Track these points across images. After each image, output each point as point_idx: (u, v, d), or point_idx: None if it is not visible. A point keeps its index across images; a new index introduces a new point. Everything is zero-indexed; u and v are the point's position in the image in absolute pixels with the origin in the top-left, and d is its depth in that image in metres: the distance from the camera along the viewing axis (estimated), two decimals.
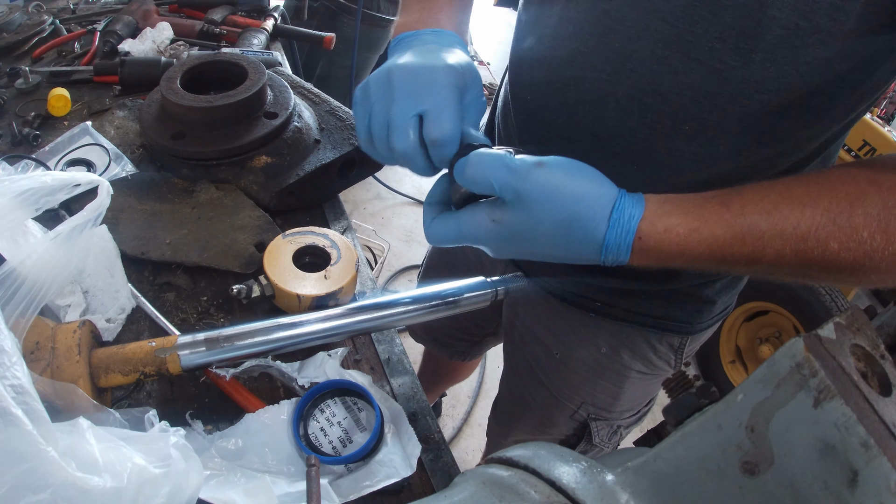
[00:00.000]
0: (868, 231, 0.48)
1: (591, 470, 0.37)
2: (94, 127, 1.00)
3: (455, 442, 2.09)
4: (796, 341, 0.30)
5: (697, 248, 0.52)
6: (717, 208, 0.52)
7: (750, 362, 2.24)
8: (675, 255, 0.53)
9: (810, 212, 0.49)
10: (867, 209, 0.48)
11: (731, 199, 0.52)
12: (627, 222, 0.52)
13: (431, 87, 0.58)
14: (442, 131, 0.57)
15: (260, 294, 0.75)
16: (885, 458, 0.27)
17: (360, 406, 0.70)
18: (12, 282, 0.58)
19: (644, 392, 0.98)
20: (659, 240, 0.52)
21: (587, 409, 0.98)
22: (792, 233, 0.49)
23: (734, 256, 0.52)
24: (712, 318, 0.87)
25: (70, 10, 1.39)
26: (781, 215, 0.50)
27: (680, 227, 0.52)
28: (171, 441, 0.51)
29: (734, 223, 0.51)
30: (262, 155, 0.92)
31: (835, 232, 0.48)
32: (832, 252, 0.49)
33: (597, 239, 0.53)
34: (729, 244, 0.51)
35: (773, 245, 0.50)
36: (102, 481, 0.45)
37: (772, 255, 0.51)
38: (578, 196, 0.52)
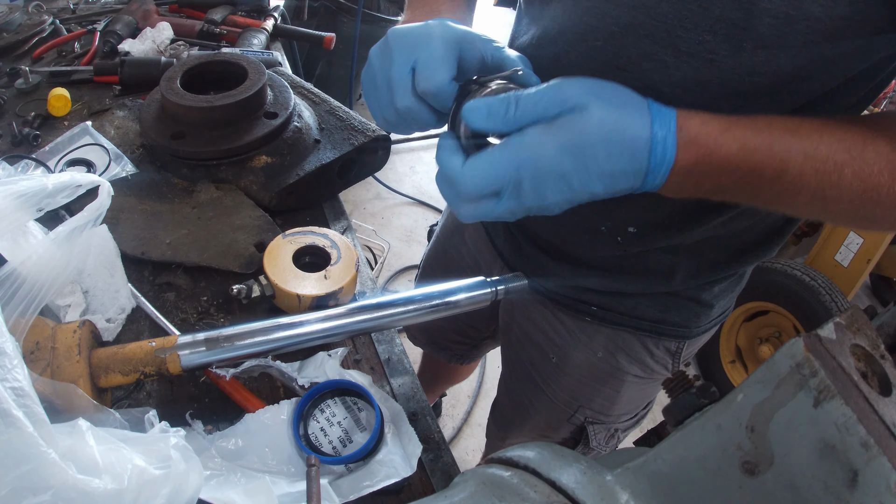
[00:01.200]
0: (878, 166, 0.50)
1: (590, 470, 0.37)
2: (94, 127, 1.01)
3: (455, 442, 2.09)
4: (796, 341, 0.30)
5: (731, 147, 0.50)
6: (744, 119, 0.52)
7: (750, 362, 2.24)
8: (711, 154, 0.51)
9: (828, 139, 0.51)
10: (878, 148, 0.51)
11: (755, 117, 0.52)
12: (666, 113, 0.50)
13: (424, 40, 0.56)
14: (429, 82, 0.54)
15: (260, 294, 0.75)
16: (885, 458, 0.27)
17: (360, 406, 0.70)
18: (13, 282, 0.58)
19: (641, 396, 0.97)
20: (697, 132, 0.50)
21: (584, 413, 0.98)
22: (813, 152, 0.50)
23: (762, 165, 0.51)
24: (710, 322, 0.87)
25: (70, 10, 1.39)
26: (803, 135, 0.51)
27: (714, 122, 0.51)
28: (171, 442, 0.51)
29: (762, 131, 0.51)
30: (262, 155, 0.92)
31: (849, 160, 0.50)
32: (846, 178, 0.51)
33: (644, 133, 0.49)
34: (758, 149, 0.51)
35: (796, 160, 0.51)
36: (103, 483, 0.45)
37: (795, 170, 0.51)
38: (618, 90, 0.51)
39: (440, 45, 0.56)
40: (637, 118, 0.49)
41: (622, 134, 0.49)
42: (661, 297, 0.82)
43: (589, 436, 0.99)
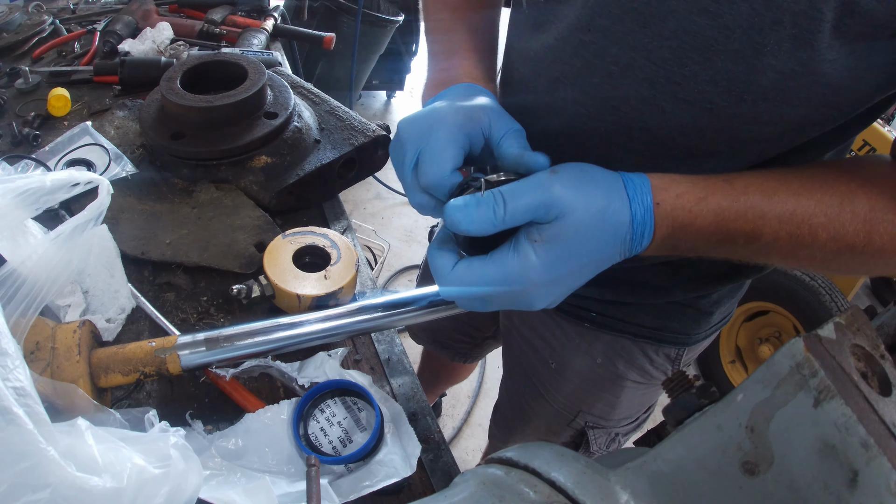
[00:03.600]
0: (853, 227, 0.52)
1: (590, 470, 0.37)
2: (94, 127, 1.01)
3: (455, 442, 2.09)
4: (796, 341, 0.30)
5: (707, 217, 0.52)
6: (721, 184, 0.53)
7: (750, 362, 2.24)
8: (686, 226, 0.53)
9: (805, 201, 0.52)
10: (855, 208, 0.52)
11: (733, 178, 0.53)
12: (641, 189, 0.52)
13: (426, 132, 0.56)
14: (427, 177, 0.54)
15: (260, 294, 0.75)
16: (885, 458, 0.27)
17: (360, 406, 0.70)
18: (13, 282, 0.58)
19: (641, 401, 0.97)
20: (673, 205, 0.52)
21: (584, 418, 0.97)
22: (789, 217, 0.52)
23: (737, 231, 0.52)
24: (710, 329, 0.87)
25: (70, 10, 1.39)
26: (780, 199, 0.52)
27: (689, 194, 0.52)
28: (170, 441, 0.51)
29: (738, 198, 0.52)
30: (262, 155, 0.92)
31: (825, 223, 0.52)
32: (821, 240, 0.52)
33: (625, 217, 0.51)
34: (733, 218, 0.52)
35: (771, 225, 0.52)
36: (102, 481, 0.45)
37: (770, 234, 0.52)
38: (597, 181, 0.52)
39: (442, 136, 0.55)
40: (617, 205, 0.51)
41: (606, 230, 0.51)
42: (661, 304, 0.82)
43: (589, 440, 0.99)
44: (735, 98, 0.53)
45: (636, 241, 0.52)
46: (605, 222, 0.51)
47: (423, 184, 0.55)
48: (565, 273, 0.52)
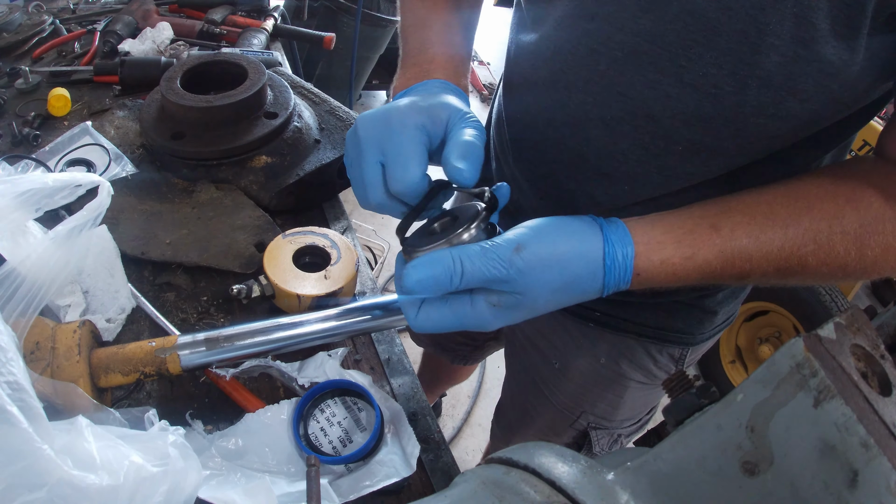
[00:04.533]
0: (844, 247, 0.52)
1: (591, 470, 0.37)
2: (94, 127, 1.01)
3: (455, 442, 2.09)
4: (796, 341, 0.30)
5: (692, 274, 0.53)
6: (707, 233, 0.53)
7: (750, 362, 2.24)
8: (669, 281, 0.54)
9: (793, 232, 0.52)
10: (844, 227, 0.52)
11: (720, 221, 0.53)
12: (622, 263, 0.52)
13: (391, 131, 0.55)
14: (399, 183, 0.54)
15: (260, 294, 0.75)
16: (885, 458, 0.27)
17: (360, 406, 0.70)
18: (12, 282, 0.58)
19: (645, 401, 0.97)
20: (655, 272, 0.53)
21: (587, 419, 0.97)
22: (777, 254, 0.52)
23: (724, 276, 0.54)
24: (714, 329, 0.87)
25: (70, 10, 1.39)
26: (767, 238, 0.52)
27: (675, 258, 0.53)
28: (169, 440, 0.51)
29: (725, 248, 0.52)
30: (262, 155, 0.92)
31: (814, 250, 0.52)
32: (811, 267, 0.53)
33: (595, 288, 0.53)
34: (720, 268, 0.53)
35: (759, 264, 0.53)
36: (99, 479, 0.45)
37: (758, 272, 0.53)
38: (567, 260, 0.51)
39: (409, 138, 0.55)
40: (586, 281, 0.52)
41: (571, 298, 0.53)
42: (665, 303, 0.81)
43: (592, 441, 0.99)
44: (740, 83, 0.53)
45: (608, 295, 0.54)
46: (568, 293, 0.53)
47: (395, 190, 0.54)
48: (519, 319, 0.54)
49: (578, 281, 0.52)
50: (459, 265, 0.49)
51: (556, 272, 0.51)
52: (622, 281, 0.53)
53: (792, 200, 0.54)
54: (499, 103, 0.83)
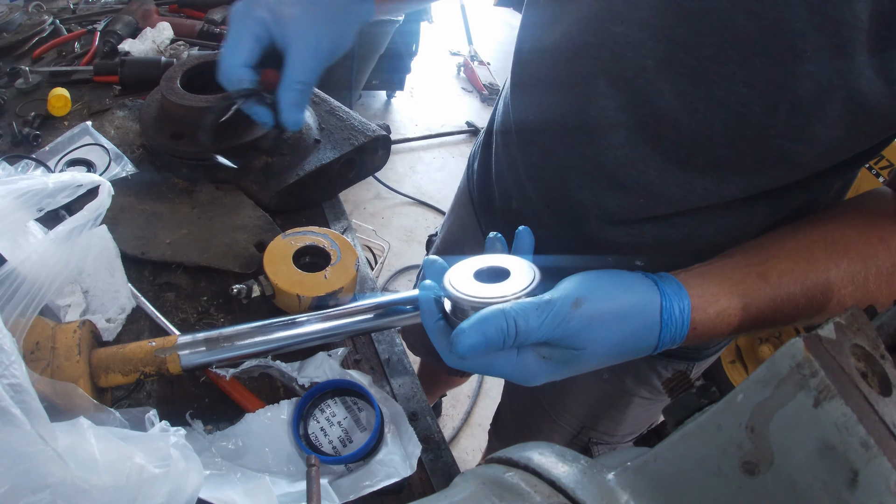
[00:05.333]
0: (877, 286, 0.53)
1: (591, 470, 0.37)
2: (94, 127, 1.00)
3: (455, 442, 2.09)
4: (796, 341, 0.30)
5: (745, 324, 0.52)
6: (757, 282, 0.52)
7: (750, 362, 2.24)
8: (723, 333, 0.53)
9: (833, 274, 0.53)
10: (879, 267, 0.53)
11: (766, 270, 0.53)
12: (679, 318, 0.51)
13: (234, 15, 0.64)
14: (222, 61, 0.64)
15: (260, 294, 0.75)
16: (885, 458, 0.27)
17: (360, 406, 0.70)
18: (12, 282, 0.58)
19: (647, 416, 0.96)
20: (712, 325, 0.52)
21: (589, 434, 0.96)
22: (821, 298, 0.53)
23: (773, 323, 0.53)
24: (720, 344, 0.86)
25: (70, 10, 1.39)
26: (812, 284, 0.52)
27: (731, 310, 0.52)
28: (171, 441, 0.51)
29: (775, 296, 0.52)
30: (262, 155, 0.92)
31: (853, 291, 0.53)
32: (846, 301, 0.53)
33: (650, 344, 0.51)
34: (771, 316, 0.52)
35: (802, 307, 0.53)
36: (102, 481, 0.45)
37: (803, 317, 0.53)
38: (626, 315, 0.50)
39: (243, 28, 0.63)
40: (643, 335, 0.50)
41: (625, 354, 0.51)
42: None
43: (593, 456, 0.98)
44: (770, 105, 0.52)
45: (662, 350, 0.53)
46: (624, 349, 0.51)
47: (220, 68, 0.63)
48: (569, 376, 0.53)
49: (635, 337, 0.50)
50: (514, 328, 0.47)
51: (614, 327, 0.49)
52: (678, 336, 0.51)
53: (830, 244, 0.54)
54: (505, 105, 0.81)
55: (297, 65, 0.65)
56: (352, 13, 0.68)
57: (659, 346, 0.52)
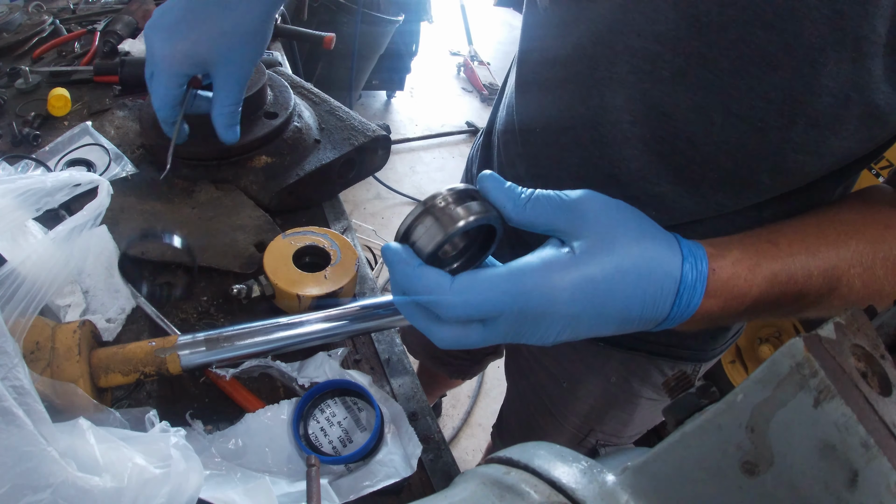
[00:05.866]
0: (884, 272, 0.52)
1: (591, 470, 0.37)
2: (94, 127, 1.00)
3: (455, 442, 2.09)
4: (796, 341, 0.30)
5: (761, 285, 0.50)
6: (768, 247, 0.51)
7: (750, 362, 2.24)
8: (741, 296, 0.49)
9: (843, 252, 0.52)
10: (886, 252, 0.52)
11: (777, 238, 0.52)
12: (697, 251, 0.47)
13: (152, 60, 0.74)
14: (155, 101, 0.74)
15: (260, 294, 0.75)
16: (885, 458, 0.27)
17: (360, 406, 0.70)
18: (12, 282, 0.58)
19: (654, 417, 0.96)
20: (730, 273, 0.48)
21: (596, 436, 0.96)
22: (831, 273, 0.51)
23: (786, 295, 0.51)
24: (725, 343, 0.86)
25: (70, 10, 1.39)
26: (823, 256, 0.51)
27: (745, 261, 0.49)
28: (171, 441, 0.51)
29: (787, 261, 0.51)
30: (262, 155, 0.92)
31: (861, 273, 0.52)
32: (856, 289, 0.52)
33: (674, 271, 0.46)
34: (784, 281, 0.50)
35: (816, 283, 0.51)
36: (103, 481, 0.45)
37: (814, 292, 0.51)
38: (637, 216, 0.47)
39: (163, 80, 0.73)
40: (667, 260, 0.46)
41: (648, 279, 0.45)
42: None
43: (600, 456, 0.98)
44: (787, 120, 0.51)
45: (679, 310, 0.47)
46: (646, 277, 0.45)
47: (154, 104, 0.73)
48: (584, 313, 0.45)
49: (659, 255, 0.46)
50: (528, 190, 0.45)
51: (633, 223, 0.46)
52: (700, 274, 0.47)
53: (838, 224, 0.53)
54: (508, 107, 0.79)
55: (225, 92, 0.72)
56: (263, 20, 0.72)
57: (682, 281, 0.46)
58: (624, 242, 0.45)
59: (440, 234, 0.44)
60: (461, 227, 0.43)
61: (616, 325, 0.47)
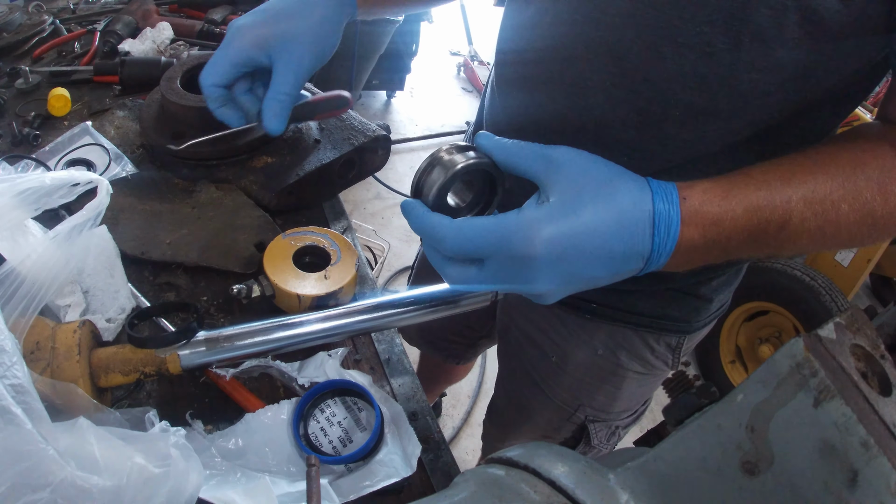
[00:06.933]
0: (870, 192, 0.52)
1: (590, 470, 0.37)
2: (94, 127, 1.00)
3: (455, 442, 2.09)
4: (796, 341, 0.30)
5: (737, 210, 0.50)
6: (739, 177, 0.52)
7: (750, 362, 2.24)
8: (718, 222, 0.50)
9: (822, 178, 0.52)
10: (868, 173, 0.52)
11: (750, 171, 0.52)
12: (667, 186, 0.49)
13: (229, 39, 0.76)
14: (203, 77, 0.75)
15: (260, 294, 0.75)
16: (885, 458, 0.27)
17: (360, 406, 0.70)
18: (12, 281, 0.58)
19: (642, 392, 0.98)
20: (701, 200, 0.50)
21: (585, 412, 0.97)
22: (811, 196, 0.51)
23: (767, 221, 0.51)
24: (709, 316, 0.87)
25: (70, 10, 1.39)
26: (799, 181, 0.51)
27: (715, 189, 0.50)
28: (171, 441, 0.51)
29: (761, 187, 0.51)
30: (262, 155, 0.92)
31: (844, 195, 0.51)
32: (843, 213, 0.52)
33: (645, 204, 0.48)
34: (762, 206, 0.50)
35: (797, 208, 0.51)
36: (102, 480, 0.45)
37: (797, 218, 0.51)
38: (608, 164, 0.51)
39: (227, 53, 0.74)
40: (637, 195, 0.49)
41: (620, 212, 0.48)
42: (661, 292, 0.82)
43: (590, 434, 0.99)
44: (733, 39, 0.54)
45: (659, 242, 0.49)
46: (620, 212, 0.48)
47: None
48: (570, 246, 0.47)
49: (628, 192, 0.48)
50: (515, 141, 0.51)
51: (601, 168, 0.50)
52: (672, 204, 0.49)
53: (813, 154, 0.54)
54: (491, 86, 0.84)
55: (281, 78, 0.74)
56: (334, 21, 0.77)
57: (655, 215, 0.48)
58: (595, 186, 0.48)
59: (441, 177, 0.51)
60: (459, 169, 0.50)
61: (604, 264, 0.49)
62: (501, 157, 0.52)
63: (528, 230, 0.48)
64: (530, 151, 0.51)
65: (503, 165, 0.52)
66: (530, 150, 0.51)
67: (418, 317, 0.74)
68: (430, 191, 0.52)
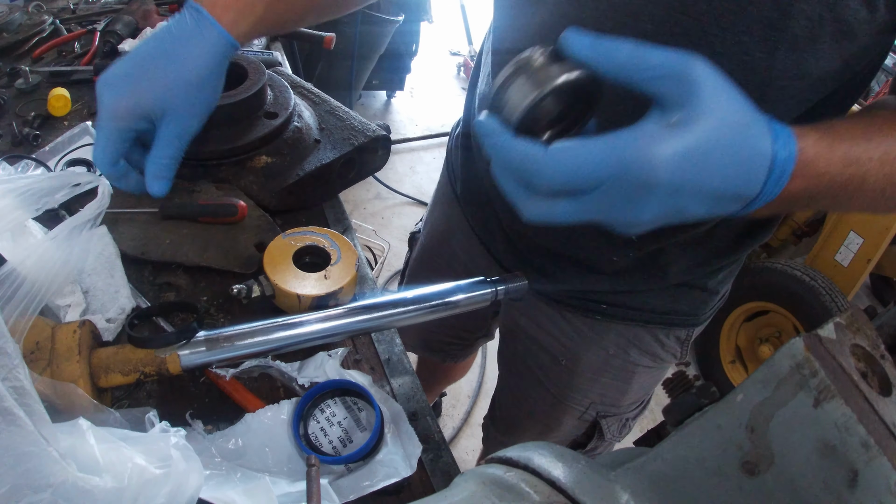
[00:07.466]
0: None
1: (591, 470, 0.37)
2: (94, 127, 1.00)
3: (455, 442, 2.09)
4: (796, 341, 0.30)
5: (838, 165, 0.48)
6: (839, 131, 0.50)
7: (750, 362, 2.24)
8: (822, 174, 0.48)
9: (891, 140, 0.50)
10: None
11: (836, 125, 0.51)
12: (785, 130, 0.46)
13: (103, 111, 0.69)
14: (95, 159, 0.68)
15: (260, 294, 0.75)
16: (885, 458, 0.27)
17: (360, 406, 0.70)
18: (12, 282, 0.58)
19: (650, 383, 0.99)
20: (812, 154, 0.47)
21: (596, 409, 0.98)
22: (884, 157, 0.50)
23: (852, 179, 0.49)
24: (713, 307, 0.89)
25: (70, 10, 1.39)
26: (876, 141, 0.50)
27: (823, 140, 0.48)
28: (171, 441, 0.51)
29: (857, 144, 0.50)
30: (262, 155, 0.92)
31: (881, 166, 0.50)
32: None
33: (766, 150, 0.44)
34: (853, 162, 0.49)
35: (875, 167, 0.50)
36: (103, 481, 0.45)
37: (873, 177, 0.50)
38: (744, 95, 0.45)
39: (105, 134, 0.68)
40: (760, 132, 0.44)
41: (746, 150, 0.43)
42: (670, 287, 0.82)
43: (602, 428, 0.99)
44: (770, 48, 0.54)
45: (769, 189, 0.45)
46: (745, 147, 0.43)
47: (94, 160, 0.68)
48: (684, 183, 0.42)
49: (754, 127, 0.45)
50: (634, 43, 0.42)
51: (733, 93, 0.45)
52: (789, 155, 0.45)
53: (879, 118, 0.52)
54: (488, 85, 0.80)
55: (163, 142, 0.71)
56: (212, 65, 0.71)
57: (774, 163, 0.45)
58: (734, 121, 0.43)
59: (533, 92, 0.40)
60: (560, 84, 0.40)
61: (710, 202, 0.44)
62: (611, 69, 0.42)
63: (651, 155, 0.40)
64: (657, 63, 0.42)
65: (614, 78, 0.43)
66: (657, 62, 0.42)
67: (418, 317, 0.74)
68: (515, 109, 0.41)
